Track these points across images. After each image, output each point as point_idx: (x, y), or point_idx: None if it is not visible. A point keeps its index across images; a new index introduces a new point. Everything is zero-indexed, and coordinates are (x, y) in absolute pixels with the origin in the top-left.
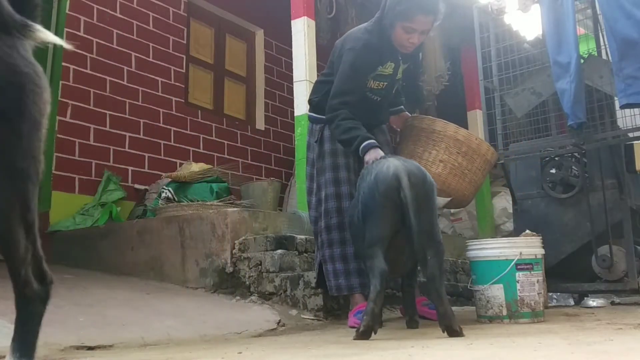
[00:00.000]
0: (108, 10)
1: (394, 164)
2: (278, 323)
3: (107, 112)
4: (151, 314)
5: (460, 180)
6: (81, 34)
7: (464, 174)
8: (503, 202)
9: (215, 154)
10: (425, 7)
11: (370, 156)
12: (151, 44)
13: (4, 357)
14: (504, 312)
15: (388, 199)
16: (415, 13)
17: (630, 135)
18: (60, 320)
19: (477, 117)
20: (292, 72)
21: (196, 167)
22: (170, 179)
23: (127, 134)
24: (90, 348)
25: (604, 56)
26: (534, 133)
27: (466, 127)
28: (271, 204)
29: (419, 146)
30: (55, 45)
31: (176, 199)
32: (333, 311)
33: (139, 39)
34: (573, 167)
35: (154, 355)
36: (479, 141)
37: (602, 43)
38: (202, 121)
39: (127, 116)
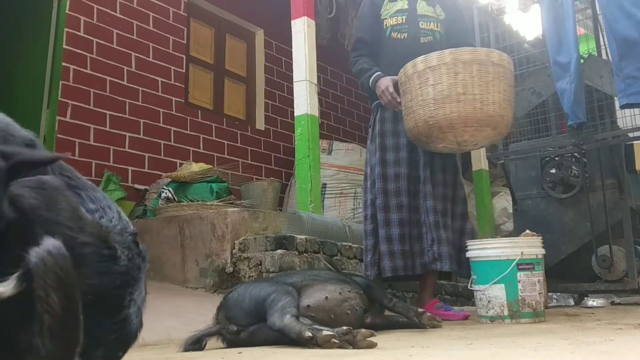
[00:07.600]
0: (108, 10)
1: None
2: None
3: (107, 112)
4: (151, 314)
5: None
6: (81, 34)
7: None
8: (503, 202)
9: (215, 154)
10: None
11: (380, 86)
12: (151, 44)
13: None
14: (506, 312)
15: None
16: None
17: (630, 135)
18: None
19: None
20: (292, 72)
21: (196, 167)
22: (170, 179)
23: (127, 134)
24: None
25: (604, 56)
26: (534, 133)
27: None
28: (271, 204)
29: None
30: (55, 45)
31: (176, 199)
32: None
33: (139, 39)
34: (573, 167)
35: (154, 355)
36: (487, 51)
37: (602, 43)
38: (202, 121)
39: (127, 116)
